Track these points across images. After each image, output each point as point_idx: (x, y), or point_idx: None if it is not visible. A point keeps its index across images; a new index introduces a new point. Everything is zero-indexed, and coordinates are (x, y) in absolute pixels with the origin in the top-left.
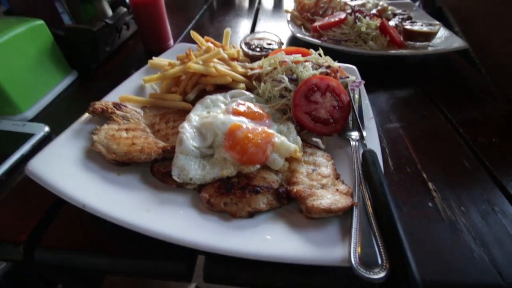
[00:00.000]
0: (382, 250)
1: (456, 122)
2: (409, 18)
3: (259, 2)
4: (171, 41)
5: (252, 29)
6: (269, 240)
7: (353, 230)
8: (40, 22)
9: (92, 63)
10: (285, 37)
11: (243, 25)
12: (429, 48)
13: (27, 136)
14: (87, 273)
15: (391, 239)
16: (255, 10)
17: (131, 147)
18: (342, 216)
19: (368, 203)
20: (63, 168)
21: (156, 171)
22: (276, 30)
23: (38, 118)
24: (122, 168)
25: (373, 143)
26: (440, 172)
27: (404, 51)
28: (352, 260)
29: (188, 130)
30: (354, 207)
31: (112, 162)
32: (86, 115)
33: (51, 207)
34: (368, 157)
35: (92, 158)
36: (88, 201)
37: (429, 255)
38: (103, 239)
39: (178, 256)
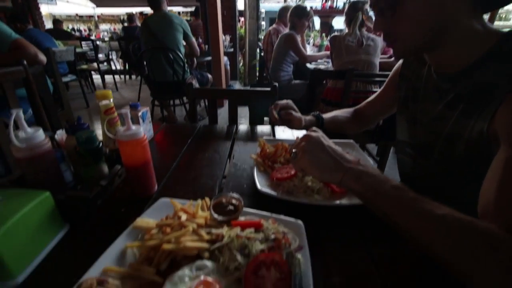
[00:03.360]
0: None
1: (384, 272)
2: None
3: (235, 132)
4: (156, 187)
5: (228, 161)
6: None
7: None
8: (47, 194)
9: (84, 217)
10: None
11: (220, 160)
12: None
13: None
14: None
15: None
16: (231, 142)
17: None
18: None
19: None
20: None
21: None
22: (248, 163)
23: (28, 282)
24: None
25: None
26: None
27: (343, 202)
28: None
29: None
30: None
31: None
32: None
33: None
34: None
35: None
36: None
37: None
38: None
39: None
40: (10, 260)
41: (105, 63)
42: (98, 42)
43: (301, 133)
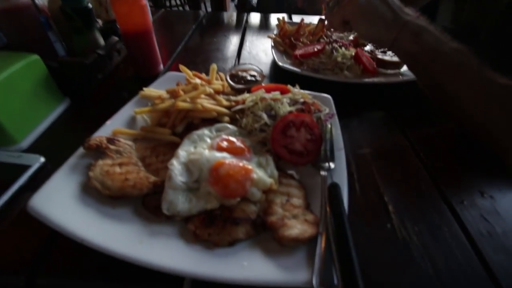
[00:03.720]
0: (338, 274)
1: (418, 147)
2: None
3: (246, 21)
4: (161, 66)
5: (240, 48)
6: (245, 266)
7: (317, 256)
8: (36, 57)
9: (84, 91)
10: (269, 58)
11: (231, 47)
12: (400, 77)
13: (24, 167)
14: None
15: (346, 266)
16: (242, 29)
17: (124, 183)
18: (310, 243)
19: (331, 232)
20: (62, 204)
21: (147, 205)
22: (262, 50)
23: (33, 147)
24: (116, 201)
25: (340, 174)
26: (399, 195)
27: (375, 80)
28: (313, 282)
29: (176, 167)
30: (319, 235)
31: (107, 197)
32: (81, 149)
33: (50, 235)
34: (332, 191)
35: (88, 192)
36: (86, 236)
37: (383, 272)
38: (102, 265)
39: (167, 280)
40: (8, 123)
41: None
42: None
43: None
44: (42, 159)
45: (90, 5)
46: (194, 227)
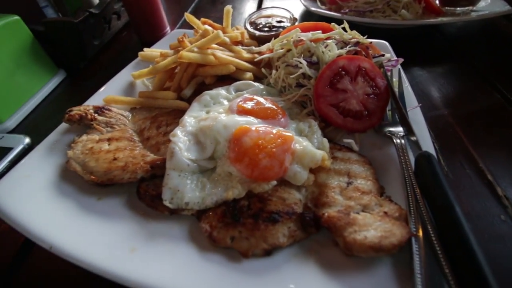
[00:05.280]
0: None
1: None
2: None
3: None
4: (168, 29)
5: (260, 3)
6: None
7: (417, 275)
8: (15, 17)
9: (80, 60)
10: (296, 15)
11: (249, 5)
12: (473, 14)
13: (5, 150)
14: None
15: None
16: None
17: (112, 164)
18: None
19: (430, 228)
20: (30, 196)
21: (144, 194)
22: (286, 7)
23: (21, 127)
24: (104, 189)
25: (423, 140)
26: (507, 170)
27: (444, 19)
28: None
29: (181, 139)
30: (413, 238)
31: (91, 183)
32: (64, 124)
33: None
34: (425, 165)
35: (68, 178)
36: (57, 241)
37: None
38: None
39: None
40: None
41: None
42: None
43: None
44: (27, 140)
45: None
46: (210, 227)
